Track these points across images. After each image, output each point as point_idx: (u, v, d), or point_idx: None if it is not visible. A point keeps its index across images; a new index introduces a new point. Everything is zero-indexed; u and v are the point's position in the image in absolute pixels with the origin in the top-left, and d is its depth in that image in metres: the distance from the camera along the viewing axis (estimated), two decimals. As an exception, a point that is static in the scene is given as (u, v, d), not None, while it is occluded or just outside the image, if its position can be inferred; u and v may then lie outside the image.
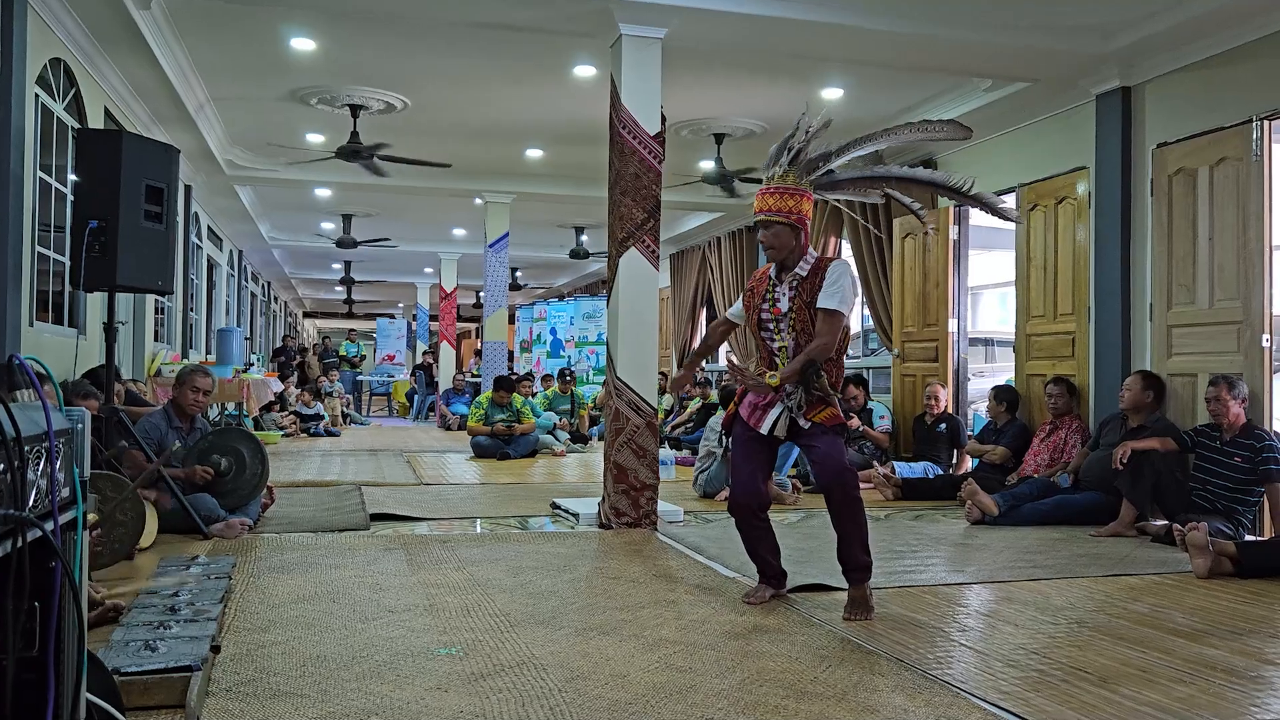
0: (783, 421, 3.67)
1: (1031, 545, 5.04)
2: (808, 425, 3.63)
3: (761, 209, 3.65)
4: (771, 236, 3.63)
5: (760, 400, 3.71)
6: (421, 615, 3.44)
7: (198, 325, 12.38)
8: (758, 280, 3.80)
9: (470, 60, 7.19)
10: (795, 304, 3.62)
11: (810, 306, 3.60)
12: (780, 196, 3.64)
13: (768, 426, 3.67)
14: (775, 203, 3.63)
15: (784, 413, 3.66)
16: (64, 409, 1.48)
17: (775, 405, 3.67)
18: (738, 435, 3.79)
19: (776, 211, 3.62)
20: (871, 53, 6.31)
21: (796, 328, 3.63)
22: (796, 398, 3.63)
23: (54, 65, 5.99)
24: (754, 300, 3.76)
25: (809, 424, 3.63)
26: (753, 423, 3.71)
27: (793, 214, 3.62)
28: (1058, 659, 3.02)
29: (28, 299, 5.55)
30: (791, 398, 3.63)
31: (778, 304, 3.67)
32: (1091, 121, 6.73)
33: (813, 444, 3.65)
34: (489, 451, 9.71)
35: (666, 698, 2.61)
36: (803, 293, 3.62)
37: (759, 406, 3.71)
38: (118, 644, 2.66)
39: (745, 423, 3.75)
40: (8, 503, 1.18)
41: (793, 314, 3.63)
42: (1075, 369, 6.89)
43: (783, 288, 3.67)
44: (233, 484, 5.21)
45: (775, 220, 3.62)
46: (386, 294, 27.10)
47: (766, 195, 3.65)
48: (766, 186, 3.67)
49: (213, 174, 10.43)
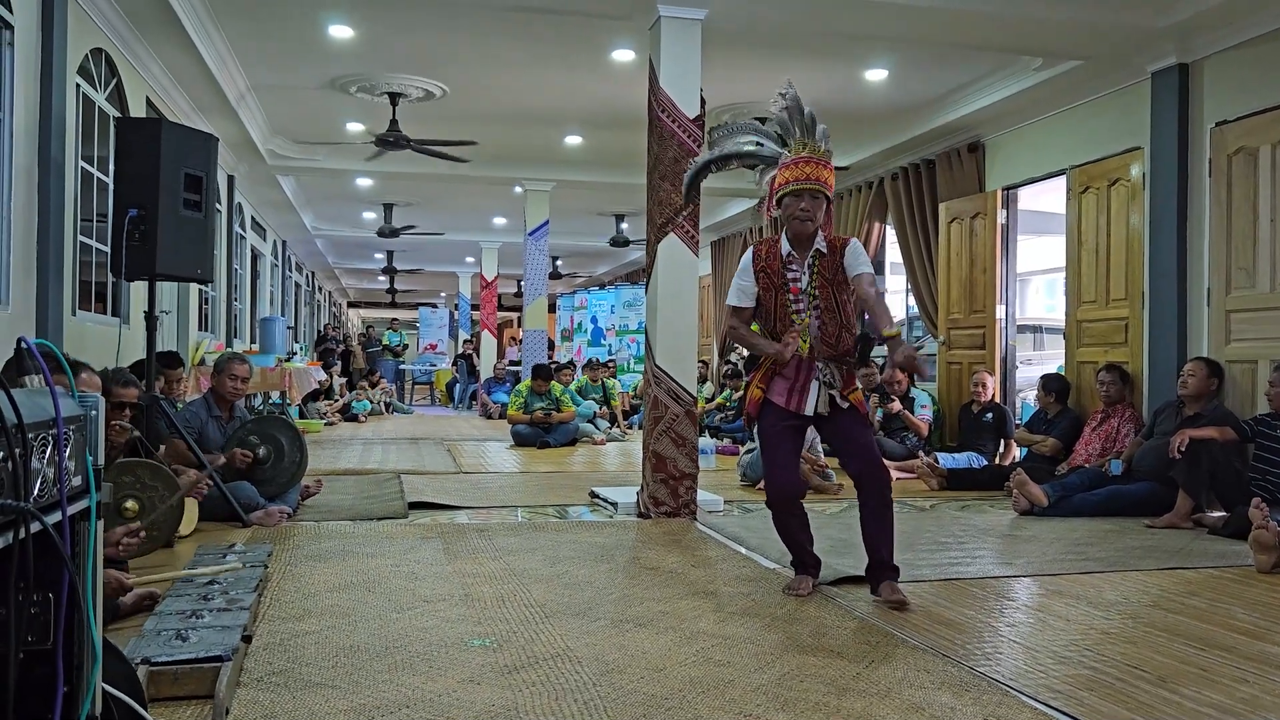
0: (824, 399, 3.57)
1: (1082, 537, 4.89)
2: (845, 405, 3.56)
3: (803, 177, 3.52)
4: (811, 206, 3.51)
5: (795, 382, 3.59)
6: (457, 605, 3.39)
7: (242, 315, 12.49)
8: (766, 259, 3.64)
9: (508, 46, 7.13)
10: (816, 280, 3.54)
11: (832, 284, 3.52)
12: (818, 166, 3.54)
13: (811, 407, 3.57)
14: (816, 172, 3.53)
15: (822, 389, 3.57)
16: (76, 395, 1.44)
17: (811, 384, 3.57)
18: (770, 425, 3.65)
19: (820, 182, 3.53)
20: (918, 30, 6.15)
21: (819, 304, 3.54)
22: (830, 373, 3.55)
23: (95, 55, 6.02)
24: (771, 279, 3.62)
25: (846, 404, 3.56)
26: (793, 406, 3.59)
27: (829, 186, 3.56)
28: (1112, 656, 2.90)
29: (70, 288, 5.60)
30: (825, 373, 3.55)
31: (796, 281, 3.57)
32: (1146, 100, 6.51)
33: (849, 431, 3.59)
34: (528, 440, 9.68)
35: (704, 692, 2.54)
36: (823, 269, 3.53)
37: (794, 389, 3.60)
38: (149, 633, 2.64)
39: (778, 409, 3.62)
40: (9, 493, 1.13)
41: (813, 290, 3.54)
42: (1128, 356, 6.69)
43: (800, 265, 3.57)
44: (271, 471, 5.21)
45: (820, 190, 3.52)
46: (429, 283, 27.24)
47: (807, 164, 3.53)
48: (806, 155, 3.55)
49: (255, 164, 10.49)
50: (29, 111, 4.99)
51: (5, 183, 4.79)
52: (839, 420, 3.60)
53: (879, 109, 8.52)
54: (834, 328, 3.56)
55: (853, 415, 3.60)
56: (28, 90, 4.96)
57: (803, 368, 3.58)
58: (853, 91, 8.03)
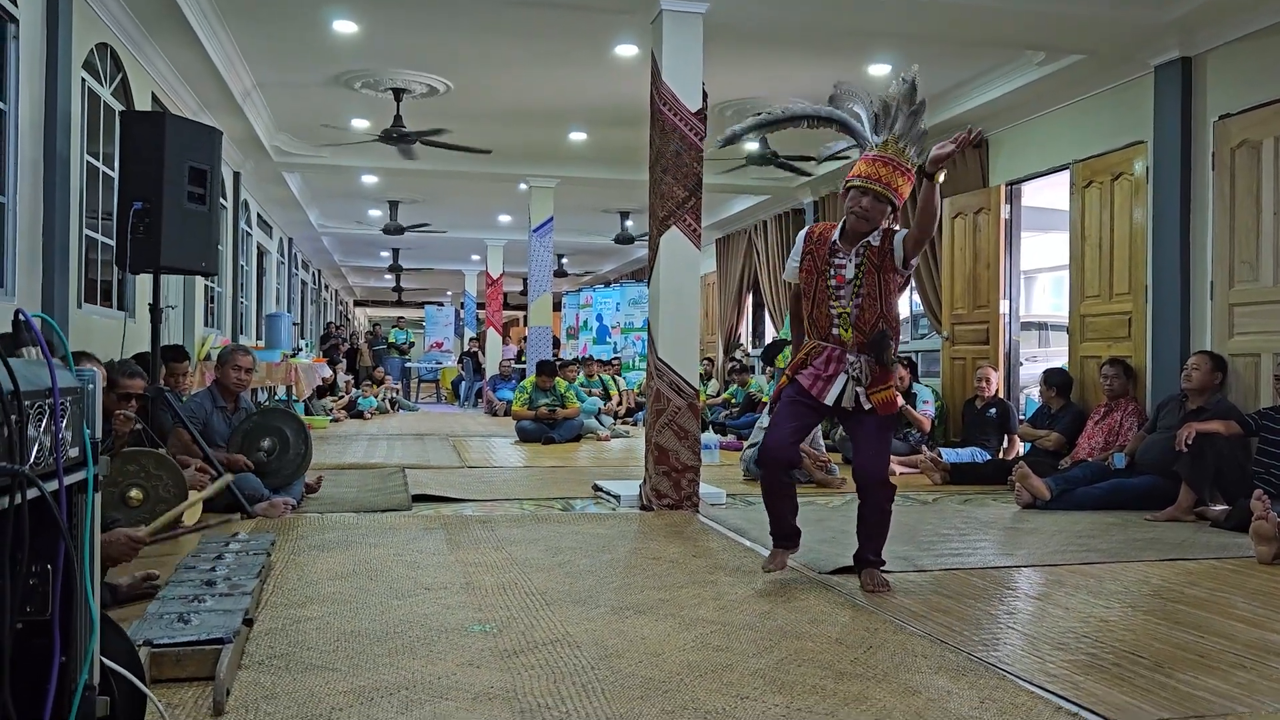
0: (849, 393, 3.53)
1: (1084, 529, 4.89)
2: (868, 407, 3.53)
3: (872, 176, 3.43)
4: (871, 207, 3.44)
5: (824, 370, 3.55)
6: (457, 593, 3.41)
7: (248, 311, 12.53)
8: (816, 243, 3.59)
9: (512, 41, 7.15)
10: (863, 270, 3.48)
11: (880, 271, 3.47)
12: (894, 170, 3.45)
13: (833, 398, 3.54)
14: (888, 175, 3.43)
15: (849, 383, 3.53)
16: (74, 369, 1.45)
17: (839, 376, 3.53)
18: (785, 397, 3.64)
19: (886, 184, 3.43)
20: (922, 25, 6.16)
21: (862, 293, 3.49)
22: (859, 367, 3.52)
23: (100, 50, 6.05)
24: (815, 264, 3.57)
25: (869, 405, 3.53)
26: (815, 392, 3.55)
27: (898, 194, 3.46)
28: (1109, 643, 2.91)
29: (76, 281, 5.62)
30: (854, 367, 3.52)
31: (842, 271, 3.51)
32: (1149, 94, 6.50)
33: (865, 433, 3.56)
34: (533, 435, 9.70)
35: (701, 676, 2.55)
36: (871, 259, 3.48)
37: (822, 377, 3.55)
38: (152, 616, 2.66)
39: (799, 388, 3.60)
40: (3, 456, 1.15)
41: (859, 281, 3.49)
42: (1132, 350, 6.69)
43: (848, 255, 3.51)
44: (276, 464, 5.24)
45: (883, 193, 3.43)
46: (434, 281, 27.28)
47: (884, 165, 3.45)
48: (887, 154, 3.47)
49: (261, 160, 10.53)
50: (34, 105, 5.01)
51: (11, 176, 4.82)
52: (859, 421, 3.58)
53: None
54: (872, 315, 3.50)
55: (873, 420, 3.55)
56: (33, 84, 4.99)
57: (833, 360, 3.54)
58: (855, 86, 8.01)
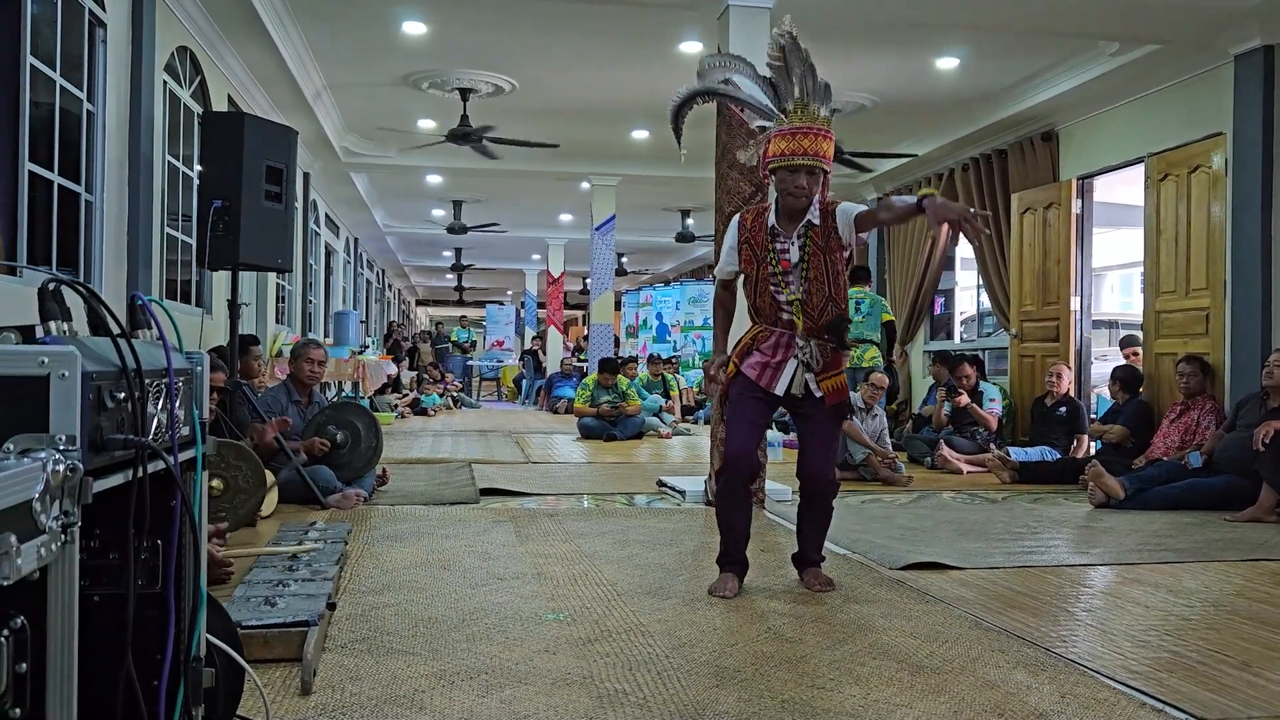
0: (798, 380, 3.34)
1: (1161, 529, 4.79)
2: (819, 394, 3.34)
3: (800, 151, 3.20)
4: (809, 184, 3.22)
5: (771, 357, 3.36)
6: (530, 583, 3.46)
7: (316, 309, 12.79)
8: (751, 230, 3.37)
9: (577, 40, 7.20)
10: (808, 251, 3.28)
11: (825, 250, 3.28)
12: (818, 138, 3.22)
13: (783, 386, 3.33)
14: (815, 145, 3.21)
15: (799, 369, 3.34)
16: (184, 351, 1.51)
17: (788, 362, 3.34)
18: (736, 393, 3.41)
19: (815, 156, 3.21)
20: (992, 16, 6.08)
21: (809, 276, 3.29)
22: (810, 351, 3.33)
23: (180, 53, 6.23)
24: (755, 252, 3.36)
25: (819, 393, 3.34)
26: (764, 382, 3.35)
27: (829, 160, 3.28)
28: (1192, 641, 2.85)
29: (158, 279, 5.80)
30: (804, 351, 3.33)
31: (785, 256, 3.31)
32: (1229, 84, 6.34)
33: (815, 428, 3.40)
34: (595, 433, 9.75)
35: (776, 666, 2.55)
36: (815, 239, 3.28)
37: (770, 364, 3.35)
38: (239, 599, 2.74)
39: (748, 382, 3.38)
40: (129, 431, 1.20)
41: (805, 263, 3.28)
42: (1209, 347, 6.53)
43: (789, 239, 3.30)
44: (349, 456, 5.34)
45: (815, 165, 3.22)
46: (496, 281, 27.56)
47: (805, 136, 3.21)
48: (805, 125, 3.22)
49: (330, 161, 10.74)
50: (120, 107, 5.18)
51: (99, 176, 4.99)
52: (810, 411, 3.39)
53: (949, 98, 8.42)
54: (819, 299, 3.31)
55: (823, 413, 3.38)
56: (119, 86, 5.16)
57: (781, 345, 3.35)
58: (923, 81, 7.95)
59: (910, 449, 7.75)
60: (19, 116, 4.17)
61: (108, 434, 1.16)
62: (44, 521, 0.99)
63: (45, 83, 4.54)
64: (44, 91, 4.56)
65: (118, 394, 1.21)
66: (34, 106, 4.36)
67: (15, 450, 1.04)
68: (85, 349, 1.15)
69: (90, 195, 4.96)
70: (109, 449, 1.17)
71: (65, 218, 4.78)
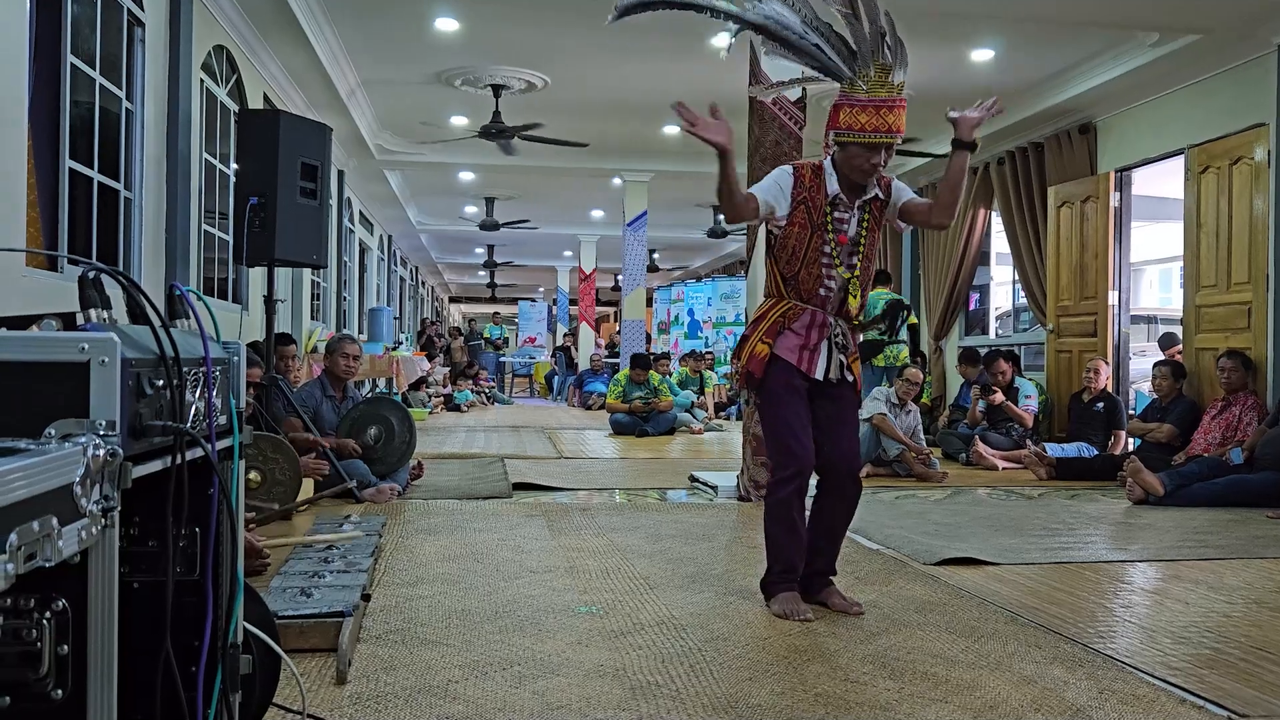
0: (835, 364, 3.05)
1: (1201, 525, 4.71)
2: (850, 378, 3.09)
3: (884, 129, 2.88)
4: (885, 161, 2.94)
5: (806, 339, 3.03)
6: (562, 576, 3.46)
7: (350, 306, 12.89)
8: (809, 189, 2.99)
9: (608, 35, 7.18)
10: (866, 227, 3.03)
11: (878, 227, 3.08)
12: (900, 113, 2.91)
13: (821, 370, 3.03)
14: (898, 122, 2.90)
15: (834, 352, 3.06)
16: (221, 341, 1.52)
17: (823, 344, 3.04)
18: (781, 384, 3.02)
19: (900, 133, 2.93)
20: (1028, 8, 6.02)
21: (862, 254, 3.03)
22: (842, 332, 3.07)
23: (217, 52, 6.30)
24: (811, 217, 2.99)
25: (851, 376, 3.09)
26: (803, 366, 3.02)
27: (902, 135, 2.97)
28: (1234, 638, 2.80)
29: (195, 275, 5.87)
30: (838, 331, 3.06)
31: (843, 229, 3.00)
32: (1272, 74, 6.23)
33: (844, 413, 3.09)
34: (627, 429, 9.76)
35: (810, 660, 2.54)
36: (874, 213, 3.05)
37: (806, 347, 3.02)
38: (276, 590, 2.77)
39: (789, 367, 3.02)
40: (168, 418, 1.21)
41: (861, 240, 3.03)
42: (1251, 341, 6.42)
43: (850, 210, 3.01)
44: (383, 451, 5.38)
45: (894, 144, 2.94)
46: (528, 278, 27.65)
47: (890, 112, 2.88)
48: (894, 97, 2.89)
49: (364, 159, 10.82)
50: (158, 105, 5.25)
51: (138, 173, 5.06)
52: (838, 398, 3.08)
53: (985, 91, 8.27)
54: (865, 280, 3.09)
55: (852, 397, 3.12)
56: (157, 84, 5.23)
57: (815, 325, 3.03)
58: (958, 73, 7.87)
59: (945, 445, 7.69)
60: (60, 115, 4.24)
61: (146, 420, 1.17)
62: (85, 505, 1.00)
63: (85, 82, 4.61)
64: (84, 90, 4.63)
65: (156, 381, 1.22)
66: (74, 105, 4.43)
67: (57, 435, 1.05)
68: (125, 336, 1.17)
69: (129, 192, 5.03)
70: (148, 435, 1.18)
71: (105, 214, 4.86)
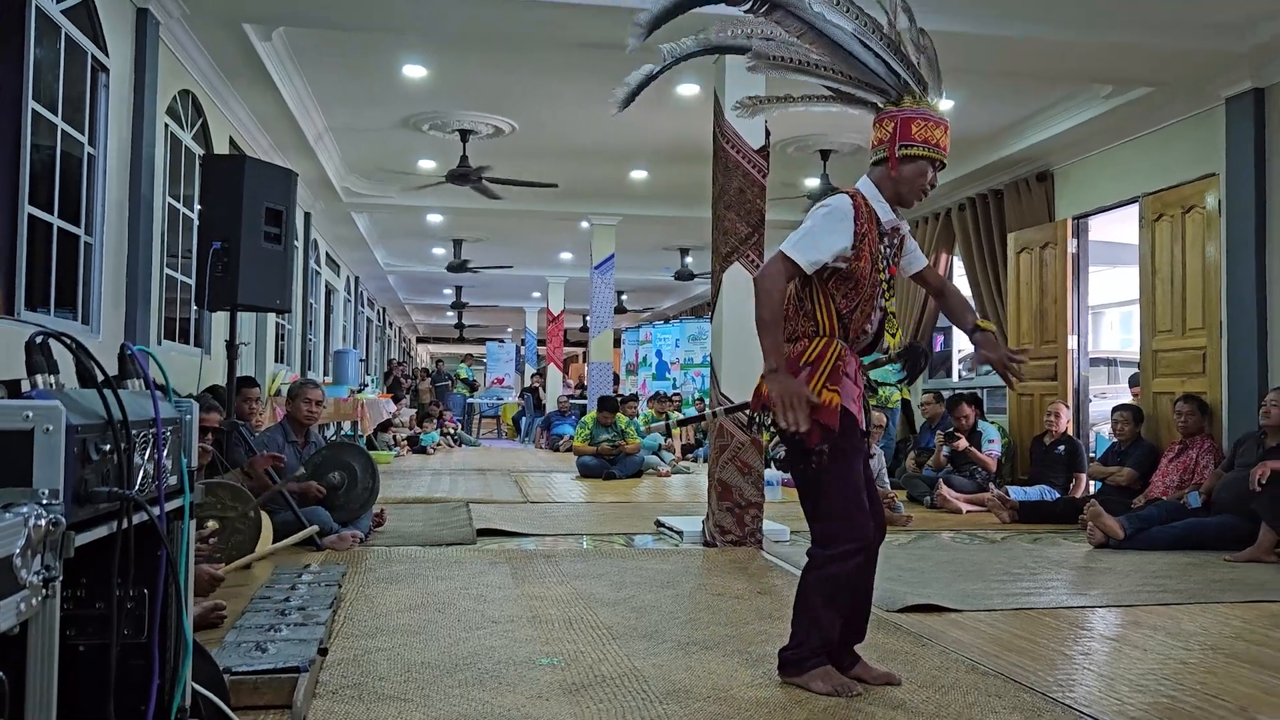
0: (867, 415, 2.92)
1: (1160, 569, 4.76)
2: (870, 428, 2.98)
3: (944, 148, 2.79)
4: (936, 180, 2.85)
5: (855, 386, 2.79)
6: (524, 626, 3.43)
7: (316, 348, 12.81)
8: (866, 220, 2.75)
9: (575, 82, 7.28)
10: (895, 259, 2.90)
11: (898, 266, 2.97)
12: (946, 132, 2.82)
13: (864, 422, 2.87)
14: (947, 142, 2.81)
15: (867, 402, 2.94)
16: (173, 400, 1.52)
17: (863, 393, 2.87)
18: (851, 446, 2.73)
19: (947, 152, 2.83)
20: (986, 61, 6.15)
21: (895, 287, 2.91)
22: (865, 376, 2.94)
23: (183, 96, 6.30)
24: (870, 249, 2.75)
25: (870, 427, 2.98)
26: (861, 420, 2.80)
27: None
28: (1190, 685, 2.83)
29: (157, 319, 5.82)
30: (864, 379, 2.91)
31: (893, 261, 2.87)
32: (1221, 126, 6.40)
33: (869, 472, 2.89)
34: (594, 471, 9.73)
35: (770, 713, 2.53)
36: (900, 249, 2.92)
37: (855, 397, 2.78)
38: (230, 644, 2.73)
39: (855, 423, 2.75)
40: (115, 483, 1.20)
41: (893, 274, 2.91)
42: (1206, 386, 6.53)
43: (891, 242, 2.85)
44: (345, 498, 5.32)
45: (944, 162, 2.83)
46: (496, 319, 27.64)
47: (941, 128, 2.78)
48: (939, 115, 2.80)
49: (331, 201, 10.81)
50: (121, 149, 5.23)
51: (99, 217, 5.03)
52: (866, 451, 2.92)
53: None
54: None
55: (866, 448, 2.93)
56: (120, 129, 5.21)
57: (857, 370, 2.83)
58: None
59: (909, 488, 7.74)
60: (20, 160, 4.21)
61: (92, 486, 1.16)
62: (24, 576, 0.99)
63: (47, 126, 4.59)
64: (45, 135, 4.60)
65: (104, 446, 1.21)
66: (35, 150, 4.40)
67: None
68: (71, 402, 1.16)
69: (90, 237, 4.99)
70: (94, 501, 1.17)
71: (65, 259, 4.81)
